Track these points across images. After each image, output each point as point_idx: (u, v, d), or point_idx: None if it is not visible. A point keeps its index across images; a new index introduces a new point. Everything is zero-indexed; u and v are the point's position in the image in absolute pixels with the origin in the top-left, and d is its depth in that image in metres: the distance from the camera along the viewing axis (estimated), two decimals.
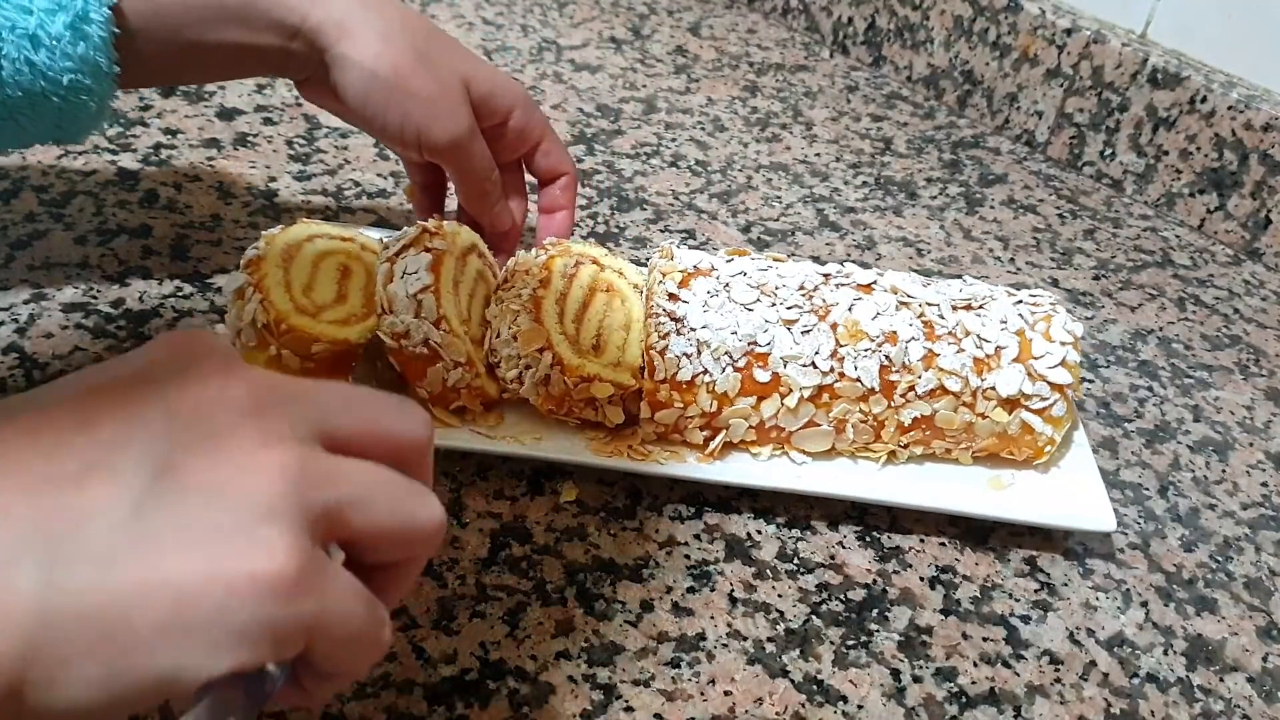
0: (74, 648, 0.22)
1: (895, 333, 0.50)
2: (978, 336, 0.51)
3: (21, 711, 0.23)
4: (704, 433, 0.50)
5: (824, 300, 0.51)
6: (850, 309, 0.51)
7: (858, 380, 0.50)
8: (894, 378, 0.50)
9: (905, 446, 0.52)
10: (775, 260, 0.54)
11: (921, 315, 0.51)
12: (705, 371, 0.49)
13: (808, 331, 0.50)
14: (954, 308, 0.52)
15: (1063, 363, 0.51)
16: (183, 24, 0.49)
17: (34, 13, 0.45)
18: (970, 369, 0.50)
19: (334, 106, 0.55)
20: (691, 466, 0.50)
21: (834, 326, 0.50)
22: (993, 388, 0.50)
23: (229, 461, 0.24)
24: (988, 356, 0.51)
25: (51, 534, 0.23)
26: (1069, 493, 0.52)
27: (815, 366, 0.50)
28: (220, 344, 0.28)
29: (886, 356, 0.50)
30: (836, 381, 0.50)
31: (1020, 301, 0.53)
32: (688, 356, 0.49)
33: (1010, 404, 0.51)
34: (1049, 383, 0.51)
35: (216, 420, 0.25)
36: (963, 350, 0.51)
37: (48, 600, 0.22)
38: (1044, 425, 0.51)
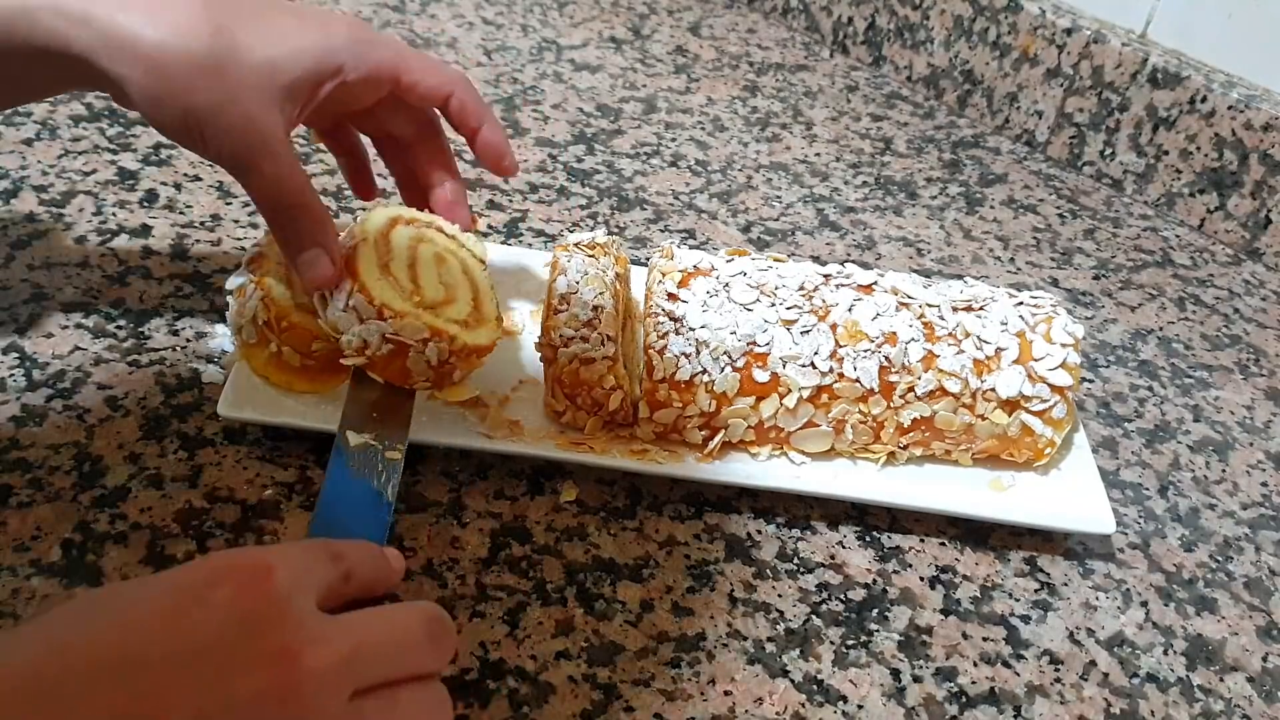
0: None
1: (895, 334, 0.50)
2: (978, 338, 0.51)
3: None
4: (703, 432, 0.50)
5: (824, 301, 0.51)
6: (850, 310, 0.51)
7: (857, 381, 0.50)
8: (893, 379, 0.50)
9: (905, 448, 0.52)
10: (775, 260, 0.54)
11: (921, 316, 0.51)
12: (704, 371, 0.49)
13: (807, 332, 0.50)
14: (954, 309, 0.52)
15: (1063, 364, 0.51)
16: None
17: None
18: (970, 370, 0.50)
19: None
20: (691, 466, 0.50)
21: (834, 327, 0.50)
22: (993, 389, 0.50)
23: None
24: (988, 358, 0.51)
25: None
26: (1069, 495, 0.52)
27: (814, 367, 0.49)
28: (280, 589, 0.31)
29: (886, 357, 0.50)
30: (835, 382, 0.50)
31: (1021, 303, 0.53)
32: (686, 356, 0.49)
33: (1010, 406, 0.51)
34: (1049, 384, 0.51)
35: (266, 715, 0.29)
36: (963, 351, 0.51)
37: None
38: (1044, 427, 0.51)
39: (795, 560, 0.49)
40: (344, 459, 0.44)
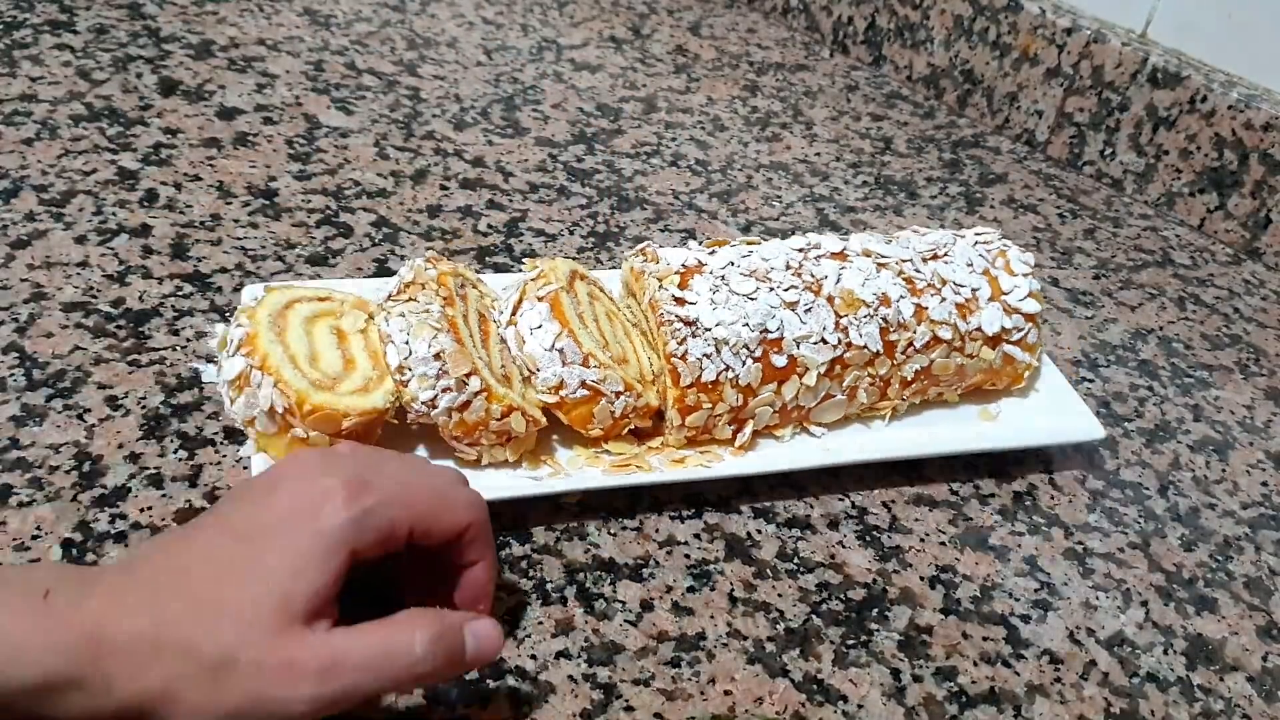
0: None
1: (887, 295, 0.52)
2: (954, 283, 0.54)
3: None
4: (730, 427, 0.51)
5: (812, 275, 0.52)
6: (838, 280, 0.52)
7: (864, 347, 0.52)
8: (894, 338, 0.52)
9: (905, 399, 0.55)
10: (749, 244, 0.55)
11: (901, 273, 0.54)
12: (727, 368, 0.49)
13: (810, 309, 0.51)
14: (924, 259, 0.55)
15: (1030, 294, 0.55)
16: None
17: None
18: (956, 315, 0.54)
19: None
20: (731, 464, 0.50)
21: (830, 300, 0.52)
22: (978, 328, 0.54)
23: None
24: (967, 300, 0.54)
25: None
26: (1054, 411, 0.56)
27: (825, 341, 0.51)
28: (340, 464, 0.37)
29: (884, 319, 0.52)
30: (846, 352, 0.51)
31: (976, 242, 0.57)
32: (708, 357, 0.49)
33: (994, 340, 0.54)
34: (1023, 314, 0.55)
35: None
36: (945, 299, 0.54)
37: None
38: (1023, 354, 0.56)
39: (795, 560, 0.49)
40: None
